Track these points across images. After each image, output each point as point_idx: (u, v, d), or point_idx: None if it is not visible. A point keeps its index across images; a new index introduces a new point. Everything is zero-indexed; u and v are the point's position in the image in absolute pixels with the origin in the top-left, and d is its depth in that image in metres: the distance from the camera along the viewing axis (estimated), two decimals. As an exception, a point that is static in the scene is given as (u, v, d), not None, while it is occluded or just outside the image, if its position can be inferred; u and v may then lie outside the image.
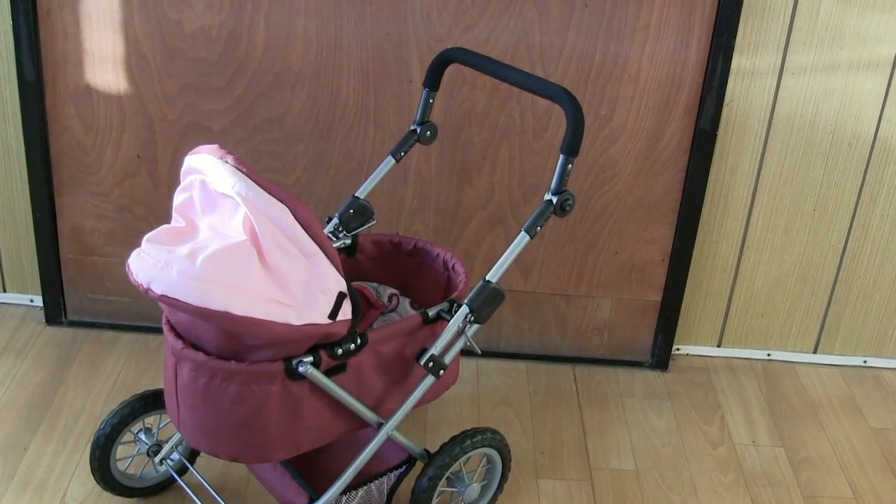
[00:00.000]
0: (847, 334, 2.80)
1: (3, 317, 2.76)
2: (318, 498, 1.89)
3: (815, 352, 2.83)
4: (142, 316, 2.73)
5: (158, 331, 2.71)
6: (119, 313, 2.73)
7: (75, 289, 2.71)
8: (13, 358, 2.60)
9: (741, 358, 2.82)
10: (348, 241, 2.13)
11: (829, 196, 2.60)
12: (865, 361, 2.84)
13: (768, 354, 2.83)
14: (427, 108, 2.14)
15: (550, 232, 2.59)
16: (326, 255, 1.68)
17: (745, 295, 2.73)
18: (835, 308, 2.76)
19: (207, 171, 1.69)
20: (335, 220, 2.13)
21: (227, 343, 1.71)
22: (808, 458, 2.46)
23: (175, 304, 1.59)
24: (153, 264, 1.62)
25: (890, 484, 2.39)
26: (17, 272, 2.77)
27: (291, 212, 1.65)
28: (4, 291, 2.80)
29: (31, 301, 2.80)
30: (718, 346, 2.81)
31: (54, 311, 2.73)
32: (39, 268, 2.68)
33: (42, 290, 2.71)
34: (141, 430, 2.12)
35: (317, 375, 1.75)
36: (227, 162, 1.68)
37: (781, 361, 2.82)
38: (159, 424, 2.14)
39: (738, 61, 2.43)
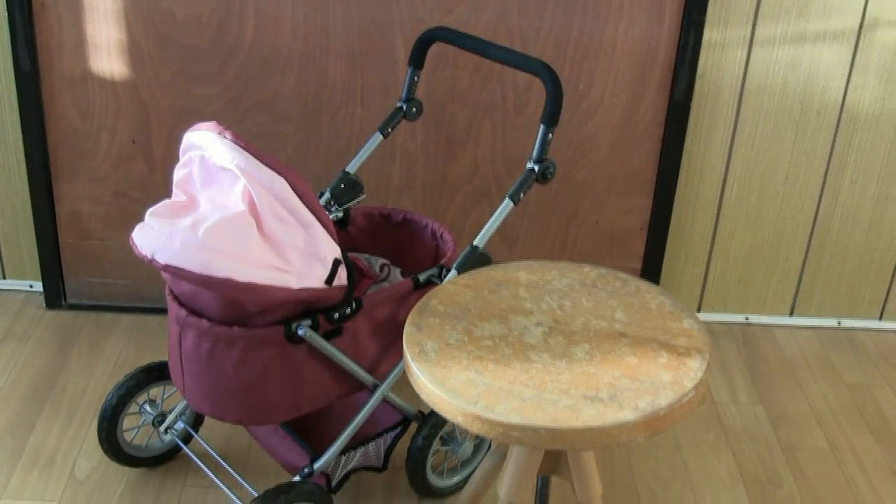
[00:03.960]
0: (821, 297, 2.89)
1: (3, 303, 2.82)
2: (318, 458, 1.98)
3: (791, 315, 2.92)
4: (140, 297, 2.80)
5: (157, 311, 2.79)
6: (118, 295, 2.81)
7: (74, 273, 2.78)
8: (15, 342, 2.67)
9: (720, 322, 2.91)
10: (340, 215, 2.21)
11: (801, 163, 2.69)
12: (839, 323, 2.93)
13: (746, 318, 2.92)
14: (412, 85, 2.23)
15: (533, 204, 2.68)
16: (322, 224, 1.76)
17: (722, 261, 2.82)
18: (809, 272, 2.85)
19: (207, 146, 1.76)
20: (327, 195, 2.21)
21: (228, 311, 1.79)
22: (786, 415, 2.55)
23: (179, 272, 1.67)
24: (157, 236, 1.69)
25: (864, 436, 2.49)
26: (16, 259, 2.84)
27: (289, 183, 1.73)
28: (4, 278, 2.87)
29: (31, 287, 2.87)
30: (698, 311, 2.90)
31: (54, 296, 2.80)
32: (39, 253, 2.75)
33: (42, 275, 2.78)
34: (146, 401, 2.20)
35: (315, 338, 1.83)
36: (225, 137, 1.75)
37: (759, 325, 2.92)
38: (163, 395, 2.22)
39: (709, 35, 2.52)
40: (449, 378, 1.52)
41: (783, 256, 2.82)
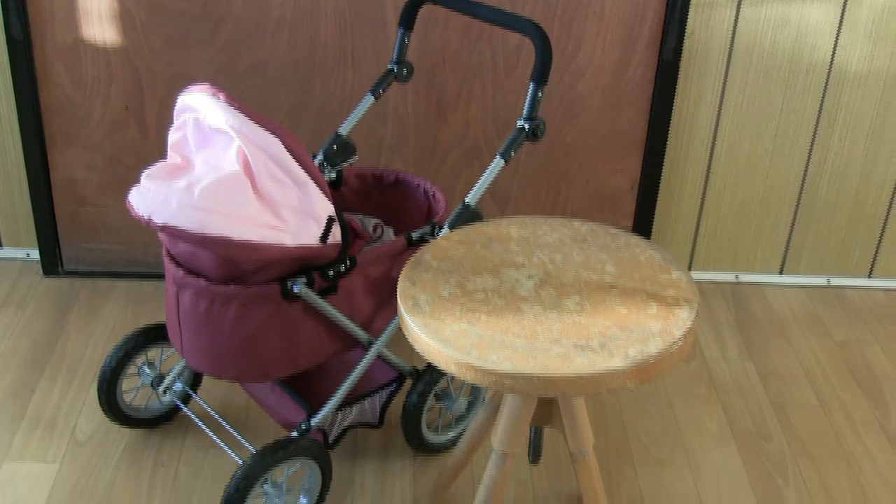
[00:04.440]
0: (811, 255, 2.92)
1: (0, 271, 2.85)
2: (315, 414, 2.01)
3: (780, 273, 2.95)
4: (135, 263, 2.83)
5: (152, 276, 2.81)
6: (114, 262, 2.83)
7: (70, 240, 2.81)
8: (14, 308, 2.69)
9: (711, 281, 2.94)
10: (333, 176, 2.24)
11: (790, 122, 2.72)
12: (829, 281, 2.96)
13: (736, 277, 2.95)
14: (403, 47, 2.24)
15: (524, 165, 2.70)
16: (316, 183, 1.78)
17: (712, 220, 2.85)
18: (798, 230, 2.88)
19: (201, 108, 1.78)
20: (320, 157, 2.23)
21: (225, 270, 1.81)
22: (775, 371, 2.59)
23: (176, 233, 1.69)
24: (153, 198, 1.71)
25: (852, 391, 2.53)
26: (11, 227, 2.86)
27: (282, 143, 1.75)
28: (1, 247, 2.89)
29: (28, 254, 2.89)
30: (689, 269, 2.93)
31: (51, 263, 2.82)
32: (35, 221, 2.77)
33: (38, 242, 2.80)
34: (144, 363, 2.22)
35: (311, 295, 1.86)
36: (219, 99, 1.77)
37: (749, 283, 2.95)
38: (161, 357, 2.25)
39: (697, -6, 2.54)
40: (443, 329, 1.55)
41: (773, 215, 2.85)
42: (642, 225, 2.79)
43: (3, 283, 2.80)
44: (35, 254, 2.88)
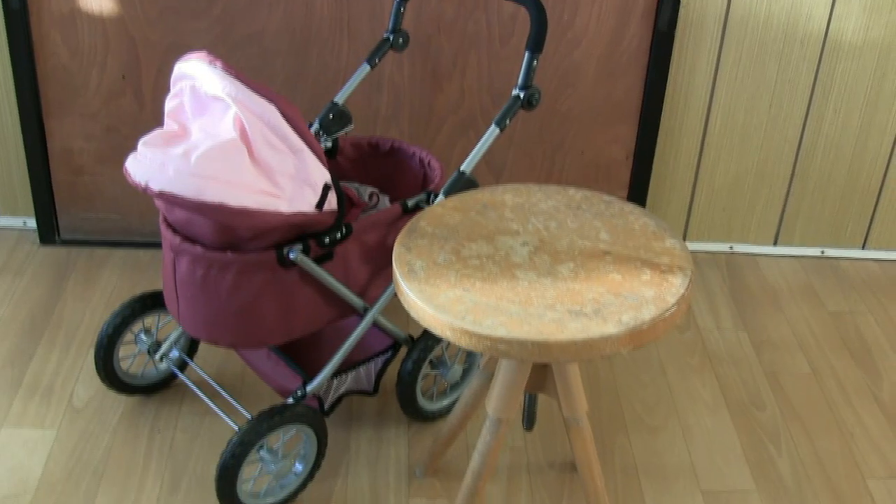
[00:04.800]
0: (805, 226, 2.93)
1: (-3, 240, 2.87)
2: (310, 381, 2.03)
3: (775, 244, 2.96)
4: (131, 232, 2.83)
5: (148, 245, 2.82)
6: (110, 231, 2.84)
7: (67, 209, 2.81)
8: (11, 276, 2.70)
9: (705, 251, 2.96)
10: (329, 144, 2.24)
11: (784, 93, 2.72)
12: (823, 252, 2.97)
13: (731, 247, 2.96)
14: (399, 16, 2.25)
15: (519, 135, 2.71)
16: (312, 150, 1.79)
17: (707, 190, 2.86)
18: (792, 201, 2.89)
19: (198, 75, 1.79)
20: (315, 125, 2.24)
21: (221, 237, 1.82)
22: (769, 340, 2.60)
23: (173, 199, 1.70)
24: (150, 165, 1.72)
25: (845, 361, 2.54)
26: (8, 196, 2.86)
27: (279, 110, 1.75)
28: (-3, 216, 2.91)
29: (24, 223, 2.90)
30: (683, 240, 2.92)
31: (48, 232, 2.83)
32: (32, 190, 2.78)
33: (35, 211, 2.81)
34: (141, 330, 2.23)
35: (307, 262, 1.87)
36: (216, 66, 1.78)
37: (743, 254, 2.96)
38: (158, 324, 2.26)
39: (692, -36, 2.54)
40: (438, 295, 1.56)
41: (767, 186, 2.86)
42: (637, 195, 2.80)
43: (0, 251, 2.80)
44: (32, 223, 2.88)
